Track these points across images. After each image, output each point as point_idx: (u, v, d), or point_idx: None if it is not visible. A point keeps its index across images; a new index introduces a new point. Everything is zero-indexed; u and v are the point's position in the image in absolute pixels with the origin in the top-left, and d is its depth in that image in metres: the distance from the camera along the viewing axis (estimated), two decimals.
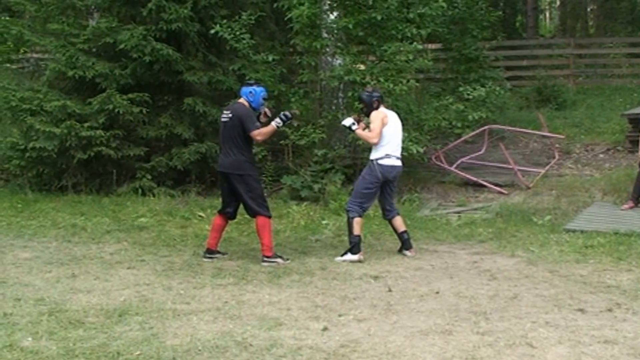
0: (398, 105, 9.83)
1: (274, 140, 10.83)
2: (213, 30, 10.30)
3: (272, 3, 11.50)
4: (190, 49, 11.07)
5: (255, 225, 7.23)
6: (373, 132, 7.24)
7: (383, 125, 7.24)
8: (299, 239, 8.32)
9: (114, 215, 9.46)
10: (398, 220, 7.53)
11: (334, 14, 10.84)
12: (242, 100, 7.24)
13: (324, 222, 9.10)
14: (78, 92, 11.24)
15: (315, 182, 10.19)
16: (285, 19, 10.76)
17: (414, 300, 5.83)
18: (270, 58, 10.41)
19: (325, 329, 5.10)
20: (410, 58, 10.20)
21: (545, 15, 34.09)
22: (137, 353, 4.65)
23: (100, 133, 10.47)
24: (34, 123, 10.53)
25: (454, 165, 11.02)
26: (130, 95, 10.63)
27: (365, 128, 7.42)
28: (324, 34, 10.87)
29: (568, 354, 4.59)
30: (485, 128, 11.65)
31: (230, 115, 7.10)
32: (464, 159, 11.38)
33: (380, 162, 7.26)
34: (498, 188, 10.42)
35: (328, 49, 10.94)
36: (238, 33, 10.26)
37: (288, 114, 7.26)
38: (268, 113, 7.28)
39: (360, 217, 7.31)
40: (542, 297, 5.87)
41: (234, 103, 7.41)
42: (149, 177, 10.65)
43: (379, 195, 7.48)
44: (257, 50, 10.54)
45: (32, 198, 10.52)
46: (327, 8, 10.83)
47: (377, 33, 10.50)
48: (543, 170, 10.91)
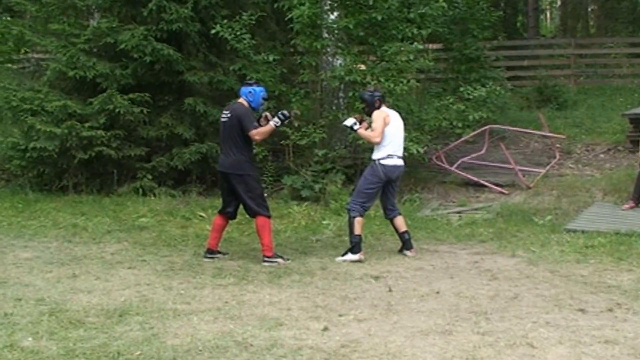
0: (399, 105, 9.81)
1: (275, 140, 10.84)
2: (214, 31, 10.30)
3: (272, 3, 11.50)
4: (191, 49, 11.07)
5: (255, 226, 7.24)
6: (375, 131, 7.24)
7: (385, 125, 7.24)
8: (300, 239, 8.32)
9: (115, 215, 9.47)
10: (399, 220, 7.53)
11: (335, 14, 10.83)
12: (241, 100, 7.24)
13: (325, 222, 9.10)
14: (79, 92, 11.24)
15: (316, 182, 10.18)
16: (286, 19, 10.75)
17: (415, 301, 5.83)
18: (271, 58, 10.42)
19: (326, 329, 5.10)
20: (411, 58, 10.19)
21: (546, 15, 34.07)
22: (137, 353, 4.65)
23: (101, 133, 10.48)
24: (35, 123, 10.53)
25: (455, 165, 11.01)
26: (131, 96, 10.64)
27: (368, 128, 7.42)
28: (325, 34, 10.86)
29: (568, 354, 4.59)
30: (486, 128, 11.63)
31: (230, 115, 7.11)
32: (465, 159, 11.37)
33: (383, 162, 7.26)
34: (499, 188, 10.42)
35: (329, 49, 10.93)
36: (239, 33, 10.26)
37: (286, 113, 7.25)
38: (269, 117, 7.27)
39: (362, 216, 7.32)
40: (542, 297, 5.87)
41: (234, 103, 7.40)
42: (150, 177, 10.66)
43: (381, 195, 7.48)
44: (257, 51, 10.54)
45: (32, 198, 10.52)
46: (327, 8, 10.82)
47: (377, 33, 10.50)
48: (544, 170, 10.91)
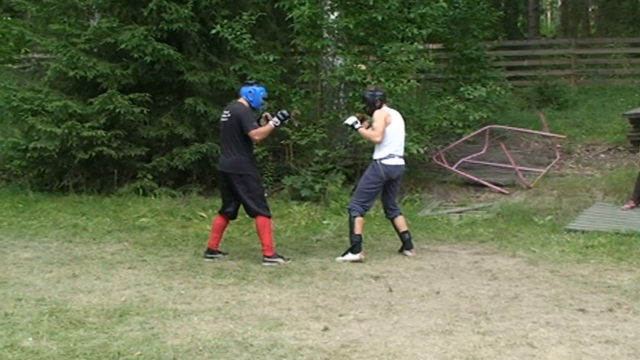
0: (399, 105, 9.80)
1: (275, 140, 10.84)
2: (214, 31, 10.30)
3: (273, 3, 11.49)
4: (191, 49, 11.07)
5: (255, 226, 7.24)
6: (376, 130, 7.23)
7: (386, 125, 7.24)
8: (300, 239, 8.32)
9: (115, 216, 9.47)
10: (400, 220, 7.53)
11: (335, 14, 10.83)
12: (241, 100, 7.24)
13: (325, 222, 9.10)
14: (79, 92, 11.25)
15: (316, 182, 10.18)
16: (286, 19, 10.75)
17: (415, 300, 5.83)
18: (271, 58, 10.42)
19: (326, 329, 5.10)
20: (411, 58, 10.18)
21: (547, 16, 34.06)
22: (137, 353, 4.65)
23: (102, 133, 10.48)
24: (35, 123, 10.54)
25: (455, 165, 11.01)
26: (131, 96, 10.64)
27: (369, 127, 7.42)
28: (325, 34, 10.86)
29: (569, 354, 4.59)
30: (486, 128, 11.63)
31: (230, 115, 7.11)
32: (465, 159, 11.36)
33: (384, 162, 7.26)
34: (499, 188, 10.41)
35: (329, 49, 10.93)
36: (239, 33, 10.26)
37: (285, 113, 7.25)
38: (269, 117, 7.28)
39: (362, 216, 7.32)
40: (543, 297, 5.87)
41: (234, 103, 7.41)
42: (150, 177, 10.66)
43: (382, 194, 7.48)
44: (258, 51, 10.54)
45: (33, 198, 10.53)
46: (327, 8, 10.82)
47: (378, 33, 10.50)
48: (544, 170, 10.90)
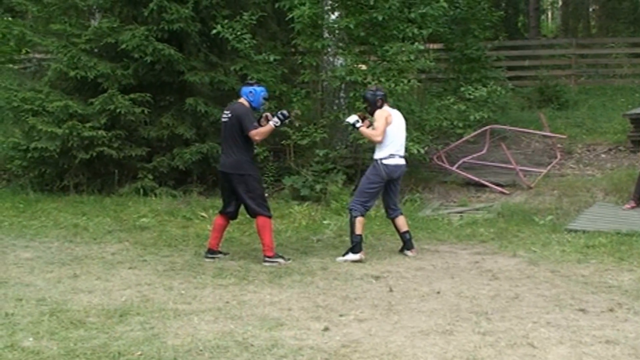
0: (400, 105, 9.77)
1: (276, 140, 10.85)
2: (215, 31, 10.29)
3: (273, 3, 11.49)
4: (192, 49, 11.08)
5: (256, 226, 7.24)
6: (377, 130, 7.23)
7: (387, 124, 7.24)
8: (301, 239, 8.32)
9: (116, 216, 9.48)
10: (401, 220, 7.52)
11: (336, 14, 10.82)
12: (242, 100, 7.24)
13: (326, 222, 9.09)
14: (80, 92, 11.25)
15: (317, 182, 10.18)
16: (287, 19, 10.74)
17: (415, 301, 5.83)
18: (272, 58, 10.41)
19: (326, 329, 5.10)
20: (412, 58, 10.18)
21: (547, 16, 34.04)
22: (138, 353, 4.66)
23: (102, 133, 10.49)
24: (36, 123, 10.55)
25: (456, 165, 11.01)
26: (132, 96, 10.64)
27: (370, 126, 7.42)
28: (326, 34, 10.86)
29: (569, 354, 4.59)
30: (487, 128, 11.63)
31: (230, 115, 7.11)
32: (466, 159, 11.36)
33: (385, 161, 7.26)
34: (500, 188, 10.41)
35: (329, 49, 10.93)
36: (239, 33, 10.26)
37: (286, 113, 7.25)
38: (269, 117, 7.27)
39: (363, 216, 7.32)
40: (543, 297, 5.86)
41: (234, 103, 7.40)
42: (151, 177, 10.66)
43: (383, 194, 7.48)
44: (258, 51, 10.55)
45: (34, 198, 10.53)
46: (328, 8, 10.81)
47: (378, 33, 10.49)
48: (545, 170, 10.90)
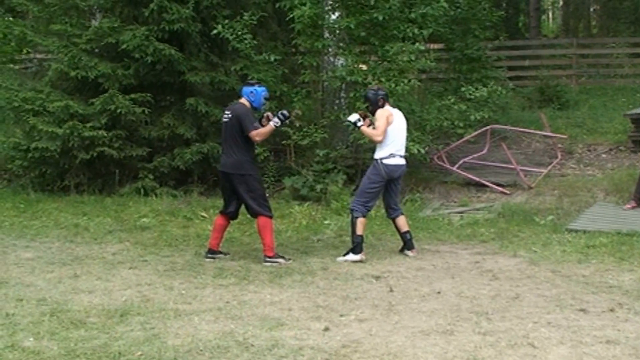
0: (400, 105, 9.76)
1: (276, 141, 10.85)
2: (215, 31, 10.29)
3: (274, 3, 11.49)
4: (193, 49, 11.08)
5: (257, 226, 7.24)
6: (378, 129, 7.23)
7: (388, 124, 7.24)
8: (301, 239, 8.32)
9: (116, 216, 9.48)
10: (401, 220, 7.52)
11: (336, 14, 10.82)
12: (243, 100, 7.24)
13: (326, 222, 9.09)
14: (80, 92, 11.25)
15: (317, 182, 10.17)
16: (287, 19, 10.75)
17: (416, 301, 5.83)
18: (272, 58, 10.42)
19: (327, 329, 5.10)
20: (413, 58, 10.18)
21: (548, 15, 34.03)
22: (138, 353, 4.66)
23: (103, 133, 10.49)
24: (37, 123, 10.55)
25: (456, 165, 11.01)
26: (133, 96, 10.65)
27: (370, 125, 7.42)
28: (326, 34, 10.86)
29: (570, 354, 4.59)
30: (488, 128, 11.63)
31: (230, 116, 7.11)
32: (466, 159, 11.36)
33: (385, 161, 7.25)
34: (500, 188, 10.41)
35: (330, 49, 10.94)
36: (240, 33, 10.26)
37: (286, 113, 7.25)
38: (270, 117, 7.28)
39: (364, 217, 7.31)
40: (544, 297, 5.86)
41: (235, 103, 7.40)
42: (151, 177, 10.66)
43: (384, 194, 7.47)
44: (259, 51, 10.55)
45: (34, 198, 10.53)
46: (329, 8, 10.81)
47: (379, 33, 10.49)
48: (545, 170, 10.90)
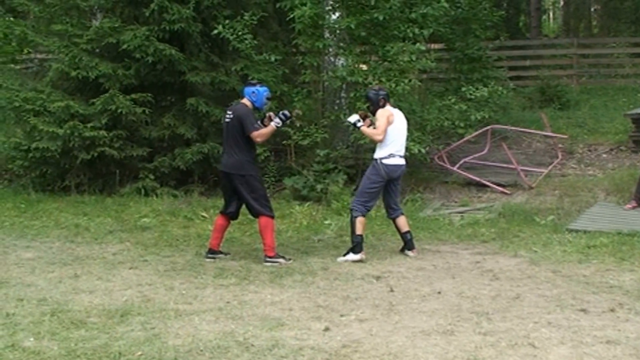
0: (401, 106, 9.76)
1: (277, 141, 10.84)
2: (216, 31, 10.29)
3: (274, 3, 11.49)
4: (193, 50, 11.08)
5: (258, 226, 7.24)
6: (378, 129, 7.23)
7: (389, 124, 7.24)
8: (301, 239, 8.32)
9: (117, 216, 9.48)
10: (402, 220, 7.52)
11: (336, 14, 10.82)
12: (244, 101, 7.24)
13: (327, 222, 9.09)
14: (81, 92, 11.26)
15: (318, 182, 10.17)
16: (288, 19, 10.74)
17: (416, 301, 5.83)
18: (273, 58, 10.42)
19: (327, 329, 5.10)
20: (413, 58, 10.17)
21: (549, 15, 34.03)
22: (138, 353, 4.66)
23: (104, 133, 10.49)
24: (37, 123, 10.55)
25: (457, 165, 11.00)
26: (133, 96, 10.65)
27: (371, 125, 7.42)
28: (327, 34, 10.86)
29: (570, 355, 4.58)
30: (488, 128, 11.62)
31: (232, 116, 7.11)
32: (467, 159, 11.36)
33: (385, 161, 7.25)
34: (501, 188, 10.41)
35: (330, 49, 10.93)
36: (240, 33, 10.26)
37: (287, 113, 7.25)
38: (272, 117, 7.28)
39: (364, 216, 7.31)
40: (544, 297, 5.86)
41: (237, 103, 7.40)
42: (152, 177, 10.66)
43: (384, 194, 7.47)
44: (259, 51, 10.55)
45: (35, 198, 10.54)
46: (329, 8, 10.81)
47: (379, 33, 10.49)
48: (546, 170, 10.90)
